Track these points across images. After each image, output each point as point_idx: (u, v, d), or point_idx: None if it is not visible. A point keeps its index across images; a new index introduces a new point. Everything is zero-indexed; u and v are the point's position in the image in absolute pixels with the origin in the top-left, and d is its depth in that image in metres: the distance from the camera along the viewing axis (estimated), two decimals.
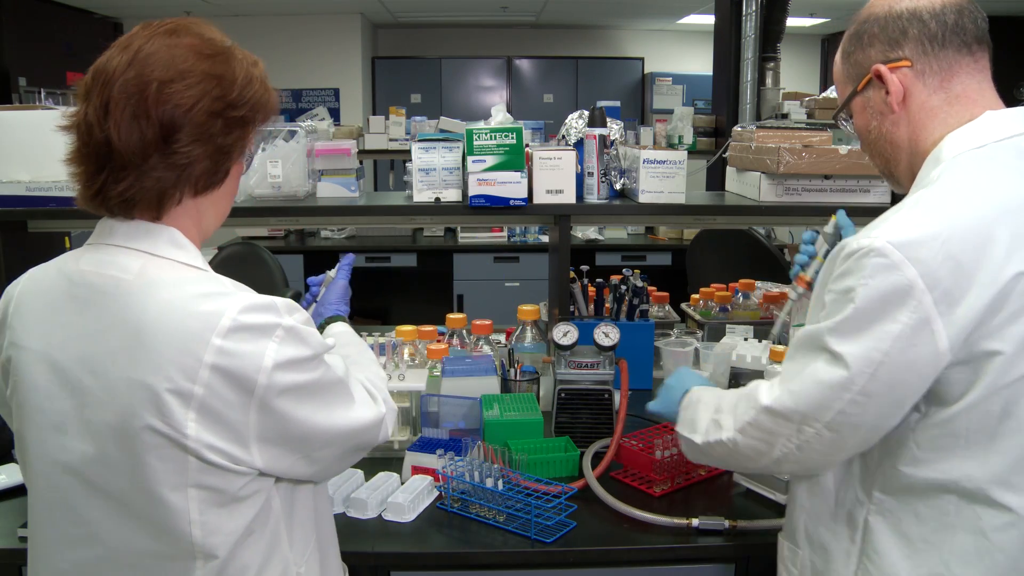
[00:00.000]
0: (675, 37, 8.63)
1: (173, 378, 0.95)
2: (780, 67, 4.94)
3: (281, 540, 1.09)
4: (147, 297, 0.98)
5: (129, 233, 1.03)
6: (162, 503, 0.98)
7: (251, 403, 0.98)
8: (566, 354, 1.86)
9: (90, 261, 1.04)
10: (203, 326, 0.96)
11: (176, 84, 0.99)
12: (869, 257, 1.02)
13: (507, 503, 1.54)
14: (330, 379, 1.08)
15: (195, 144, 1.01)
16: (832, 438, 1.08)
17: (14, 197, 1.96)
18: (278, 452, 1.03)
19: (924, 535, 1.08)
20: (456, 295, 5.13)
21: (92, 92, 1.00)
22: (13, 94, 5.72)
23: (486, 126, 2.08)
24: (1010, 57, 7.03)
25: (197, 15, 5.58)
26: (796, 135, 2.21)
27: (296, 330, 1.02)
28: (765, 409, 1.12)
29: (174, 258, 1.03)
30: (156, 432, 0.96)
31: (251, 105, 1.08)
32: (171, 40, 1.02)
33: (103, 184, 1.00)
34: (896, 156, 1.20)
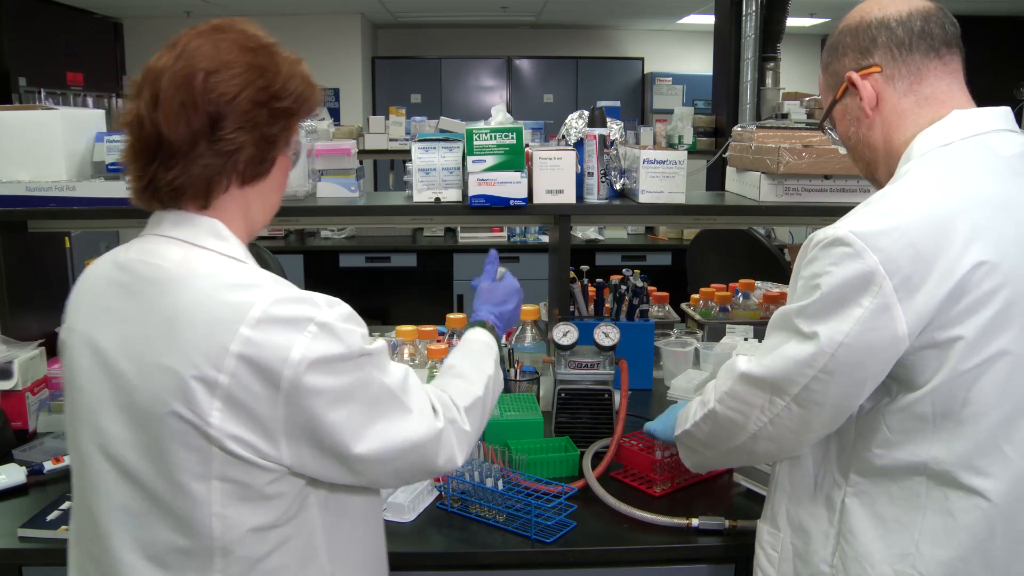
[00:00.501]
0: (675, 37, 8.63)
1: (199, 365, 0.96)
2: (780, 67, 4.94)
3: (319, 553, 1.08)
4: (183, 285, 1.01)
5: (174, 223, 1.07)
6: (185, 492, 0.99)
7: (278, 397, 0.97)
8: (566, 354, 1.86)
9: (138, 250, 1.08)
10: (232, 315, 0.97)
11: (221, 74, 1.03)
12: (834, 246, 1.09)
13: (507, 503, 1.54)
14: (371, 382, 1.04)
15: (240, 131, 1.04)
16: (800, 414, 1.15)
17: (14, 197, 1.96)
18: (310, 452, 1.01)
19: (896, 515, 1.13)
20: (456, 295, 5.13)
21: (143, 88, 1.04)
22: (13, 94, 5.72)
23: (486, 126, 2.08)
24: (1010, 57, 7.04)
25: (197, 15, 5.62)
26: (796, 135, 2.21)
27: (331, 326, 1.00)
28: (741, 375, 1.20)
29: (215, 248, 1.06)
30: (181, 419, 0.97)
31: (294, 97, 1.10)
32: (216, 36, 1.06)
33: (154, 175, 1.04)
34: (875, 158, 1.26)
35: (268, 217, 1.18)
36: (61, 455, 1.73)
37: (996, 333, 1.06)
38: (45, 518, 1.51)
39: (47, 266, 2.26)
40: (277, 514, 1.03)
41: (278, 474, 1.01)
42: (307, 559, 1.07)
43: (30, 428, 1.93)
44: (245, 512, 1.00)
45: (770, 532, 1.30)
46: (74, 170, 2.04)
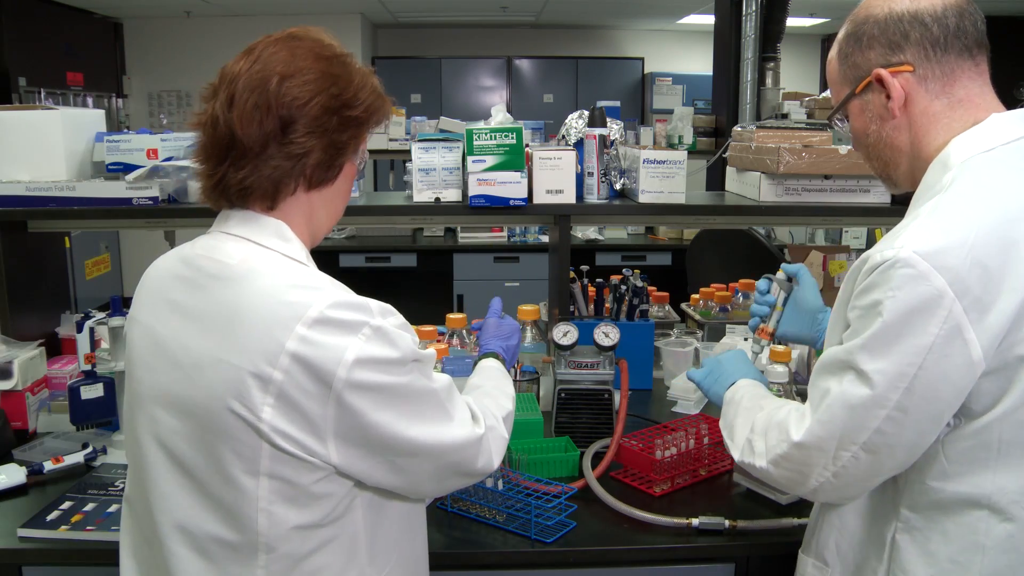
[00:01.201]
0: (675, 37, 8.63)
1: (255, 362, 0.98)
2: (780, 67, 4.93)
3: (360, 553, 1.09)
4: (245, 283, 1.03)
5: (241, 222, 1.10)
6: (235, 485, 1.00)
7: (329, 396, 0.99)
8: (566, 354, 1.86)
9: (203, 246, 1.10)
10: (290, 314, 0.99)
11: (295, 79, 1.06)
12: (896, 268, 1.00)
13: (507, 503, 1.54)
14: (419, 387, 1.06)
15: (310, 136, 1.07)
16: (869, 461, 1.06)
17: (14, 197, 1.96)
18: (357, 452, 1.02)
19: (951, 554, 1.06)
20: (456, 295, 5.13)
21: (219, 91, 1.07)
22: (13, 94, 5.72)
23: (486, 126, 2.08)
24: (1010, 57, 7.03)
25: (197, 15, 5.61)
26: (796, 135, 2.21)
27: (385, 331, 1.02)
28: (797, 445, 1.10)
29: (278, 249, 1.08)
30: (234, 413, 0.98)
31: (365, 107, 1.13)
32: (292, 43, 1.10)
33: (224, 174, 1.07)
34: (896, 160, 1.19)
35: (332, 223, 1.20)
36: (61, 455, 1.73)
37: None
38: (45, 518, 1.51)
39: (47, 266, 2.26)
40: (323, 514, 1.04)
41: (325, 473, 1.02)
42: (349, 560, 1.08)
43: (30, 428, 1.93)
44: (291, 510, 1.02)
45: (815, 566, 1.22)
46: (74, 170, 2.05)
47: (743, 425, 1.25)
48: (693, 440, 1.70)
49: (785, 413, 1.15)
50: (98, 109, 2.46)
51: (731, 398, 1.35)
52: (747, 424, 1.24)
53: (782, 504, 1.58)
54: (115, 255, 6.25)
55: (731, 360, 1.45)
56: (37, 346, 1.99)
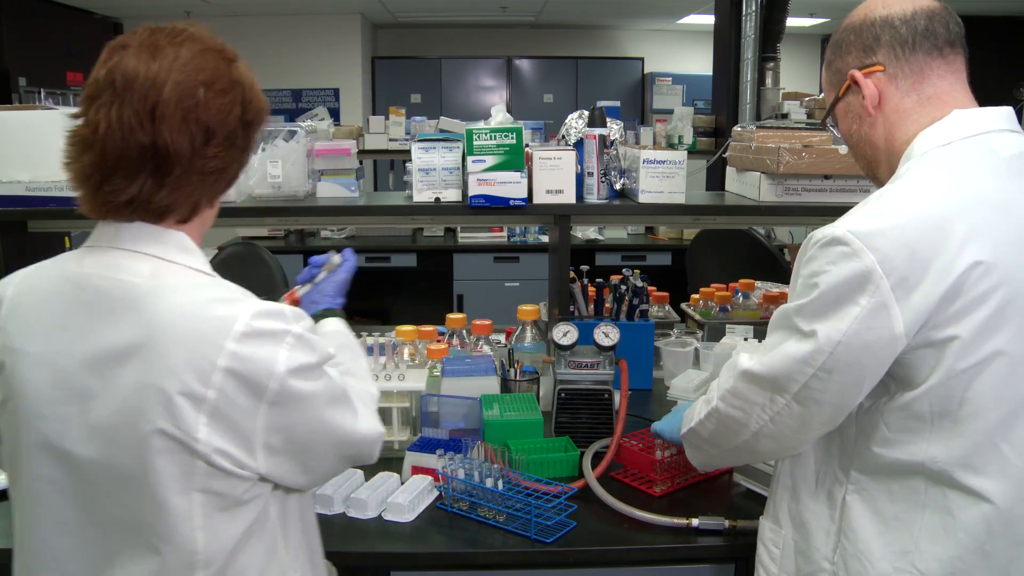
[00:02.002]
0: (675, 37, 8.63)
1: (186, 381, 0.95)
2: (780, 67, 4.94)
3: (278, 546, 1.10)
4: (160, 301, 0.99)
5: (137, 237, 1.03)
6: (167, 509, 0.98)
7: (260, 408, 0.99)
8: (566, 354, 1.86)
9: (95, 264, 1.03)
10: (218, 330, 0.97)
11: (214, 88, 1.02)
12: (832, 245, 1.10)
13: (507, 503, 1.54)
14: (334, 388, 1.08)
15: (229, 149, 1.05)
16: (800, 412, 1.16)
17: (14, 197, 1.96)
18: (281, 459, 1.04)
19: (896, 513, 1.14)
20: (456, 295, 5.13)
21: (127, 94, 0.98)
22: (13, 94, 5.72)
23: (486, 126, 2.08)
24: (1010, 57, 7.03)
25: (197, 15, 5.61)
26: (796, 135, 2.21)
27: (305, 337, 1.03)
28: (742, 373, 1.21)
29: (184, 263, 1.04)
30: (166, 435, 0.96)
31: (257, 109, 1.10)
32: (197, 46, 1.03)
33: (141, 190, 1.00)
34: (876, 157, 1.26)
35: (213, 219, 1.16)
36: None
37: (992, 333, 1.06)
38: None
39: None
40: (251, 517, 1.04)
41: (252, 481, 1.03)
42: (270, 552, 1.09)
43: None
44: (225, 521, 1.02)
45: (772, 528, 1.30)
46: None
47: (700, 402, 1.35)
48: None
49: (735, 355, 1.25)
50: None
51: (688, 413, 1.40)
52: (702, 399, 1.35)
53: None
54: None
55: (685, 405, 1.54)
56: None
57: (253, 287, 1.49)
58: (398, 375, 1.83)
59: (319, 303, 1.43)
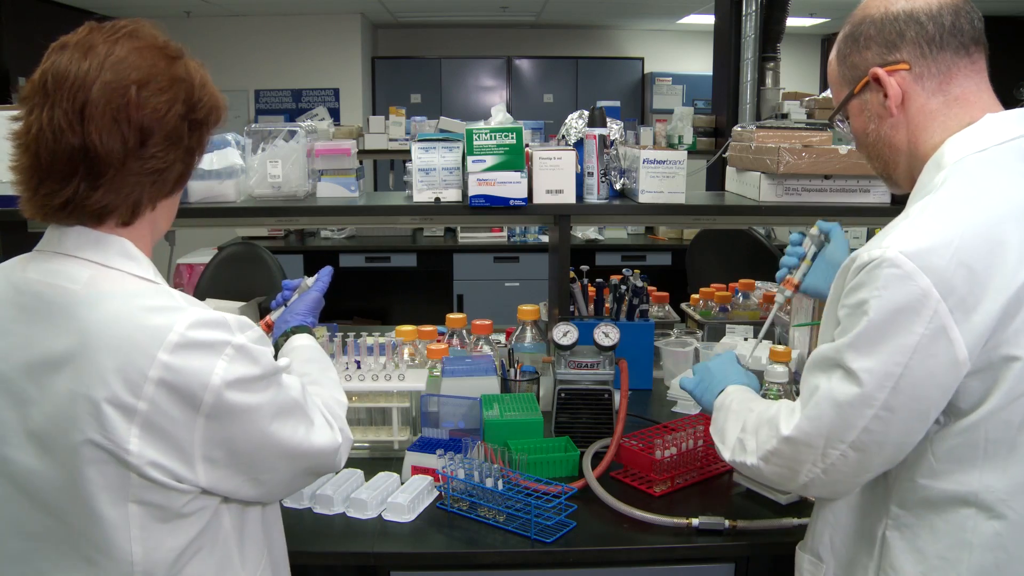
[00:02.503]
0: (675, 37, 8.63)
1: (116, 392, 0.93)
2: (780, 67, 4.93)
3: (232, 559, 1.07)
4: (94, 308, 0.96)
5: (79, 242, 1.01)
6: (101, 520, 0.96)
7: (196, 421, 0.96)
8: (566, 354, 1.86)
9: (37, 269, 1.02)
10: (150, 340, 0.94)
11: (151, 87, 0.99)
12: (881, 268, 1.01)
13: (507, 503, 1.54)
14: (282, 400, 1.05)
15: (169, 148, 1.02)
16: (857, 458, 1.07)
17: (14, 197, 1.95)
18: (224, 473, 1.01)
19: (940, 551, 1.06)
20: (456, 295, 5.13)
21: (57, 96, 0.96)
22: (13, 94, 5.72)
23: (486, 126, 2.08)
24: (1010, 57, 7.03)
25: (197, 15, 5.60)
26: (796, 135, 2.21)
27: (246, 348, 1.00)
28: (786, 439, 1.11)
29: (125, 269, 1.01)
30: (97, 446, 0.93)
31: (208, 107, 1.07)
32: (134, 43, 1.00)
33: (75, 192, 0.98)
34: (895, 159, 1.19)
35: (170, 223, 1.14)
36: None
37: None
38: None
39: None
40: (196, 530, 1.02)
41: (193, 494, 1.00)
42: (223, 567, 1.06)
43: None
44: (164, 533, 0.99)
45: (811, 562, 1.24)
46: None
47: (734, 426, 1.25)
48: (693, 440, 1.70)
49: (775, 410, 1.16)
50: None
51: (721, 404, 1.34)
52: (737, 424, 1.24)
53: (782, 504, 1.58)
54: None
55: (720, 366, 1.44)
56: None
57: (253, 287, 1.49)
58: (398, 375, 1.83)
59: (290, 321, 1.43)
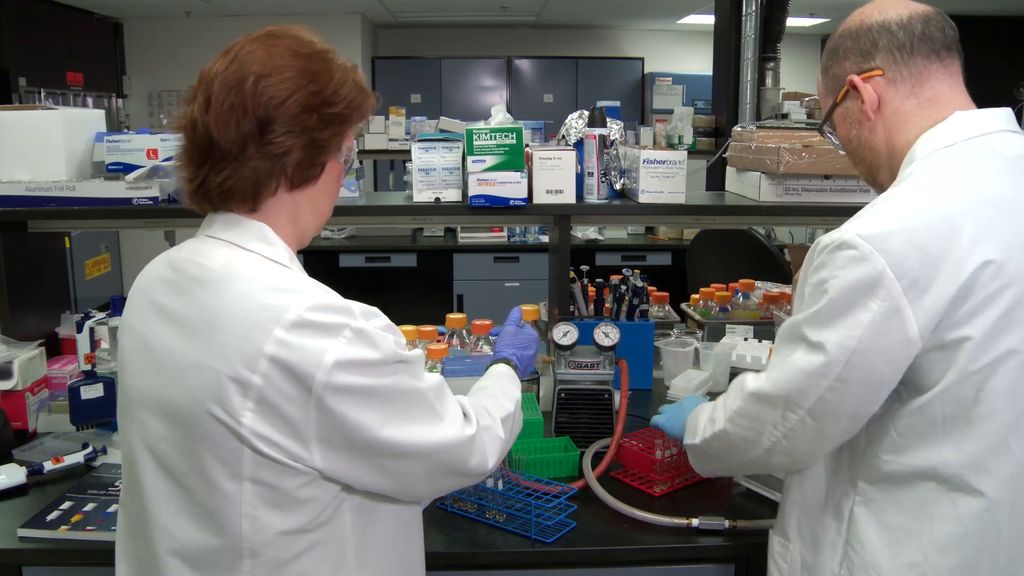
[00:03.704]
0: (675, 37, 8.62)
1: (234, 366, 0.97)
2: (780, 67, 4.93)
3: (348, 559, 1.07)
4: (225, 286, 1.02)
5: (224, 225, 1.09)
6: (218, 490, 1.00)
7: (310, 400, 0.97)
8: (566, 354, 1.86)
9: (188, 250, 1.10)
10: (268, 317, 0.98)
11: (272, 78, 1.04)
12: (841, 249, 1.08)
13: (507, 503, 1.54)
14: (404, 388, 1.05)
15: (288, 135, 1.05)
16: (815, 426, 1.13)
17: (14, 197, 1.96)
18: (342, 456, 1.01)
19: (904, 524, 1.11)
20: (456, 295, 5.13)
21: (197, 93, 1.06)
22: (13, 94, 5.72)
23: (486, 126, 2.08)
24: (1010, 57, 7.03)
25: (197, 15, 5.60)
26: (796, 135, 2.21)
27: (366, 332, 1.01)
28: (750, 395, 1.18)
29: (260, 252, 1.07)
30: (215, 418, 0.98)
31: (346, 103, 1.11)
32: (269, 41, 1.08)
33: (205, 177, 1.06)
34: (876, 161, 1.26)
35: (320, 223, 1.19)
36: (61, 455, 1.73)
37: (1004, 332, 1.06)
38: (45, 518, 1.51)
39: (47, 266, 2.26)
40: (309, 518, 1.03)
41: (310, 478, 1.01)
42: (336, 566, 1.06)
43: (30, 428, 1.93)
44: (276, 515, 1.01)
45: (780, 543, 1.28)
46: (74, 170, 2.04)
47: (705, 413, 1.33)
48: None
49: (742, 376, 1.23)
50: (98, 109, 2.46)
51: (692, 415, 1.39)
52: (708, 409, 1.33)
53: None
54: (115, 255, 6.24)
55: (691, 400, 1.53)
56: (37, 346, 1.99)
57: None
58: None
59: (501, 351, 1.51)
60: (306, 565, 1.04)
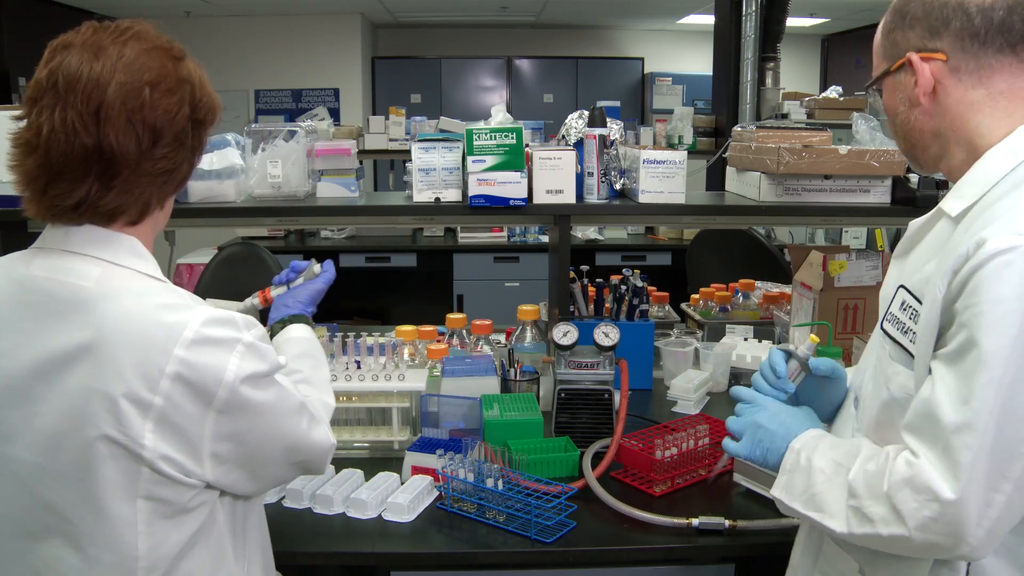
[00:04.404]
0: (675, 37, 8.63)
1: (133, 388, 0.94)
2: (780, 67, 4.94)
3: (226, 553, 1.09)
4: (108, 305, 0.97)
5: (87, 240, 1.02)
6: (108, 515, 0.97)
7: (208, 416, 0.98)
8: (566, 354, 1.86)
9: (43, 267, 1.02)
10: (166, 336, 0.96)
11: (160, 88, 1.01)
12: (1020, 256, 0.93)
13: (507, 503, 1.54)
14: (284, 397, 1.08)
15: (178, 149, 1.03)
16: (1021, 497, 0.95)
17: (14, 197, 1.95)
18: (229, 467, 1.03)
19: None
20: (456, 295, 5.13)
21: (70, 96, 0.96)
22: (13, 94, 5.72)
23: (486, 126, 2.08)
24: None
25: (197, 15, 5.60)
26: (796, 135, 2.21)
27: (255, 346, 1.02)
28: (953, 503, 0.95)
29: (135, 268, 1.03)
30: (112, 441, 0.95)
31: (207, 107, 1.09)
32: (142, 45, 1.02)
33: (88, 193, 0.99)
34: (923, 143, 1.14)
35: (166, 221, 1.14)
36: None
37: None
38: None
39: None
40: (197, 524, 1.03)
41: (199, 488, 1.02)
42: (218, 562, 1.08)
43: None
44: (169, 528, 1.01)
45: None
46: None
47: (833, 489, 1.08)
48: (693, 440, 1.69)
49: (903, 466, 1.00)
50: None
51: (795, 465, 1.15)
52: (839, 489, 1.07)
53: None
54: None
55: (771, 418, 1.23)
56: None
57: (253, 287, 1.50)
58: (398, 375, 1.83)
59: (291, 307, 1.42)
60: (189, 566, 1.04)
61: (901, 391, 1.07)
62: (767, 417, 1.23)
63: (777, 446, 1.19)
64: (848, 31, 8.05)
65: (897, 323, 1.09)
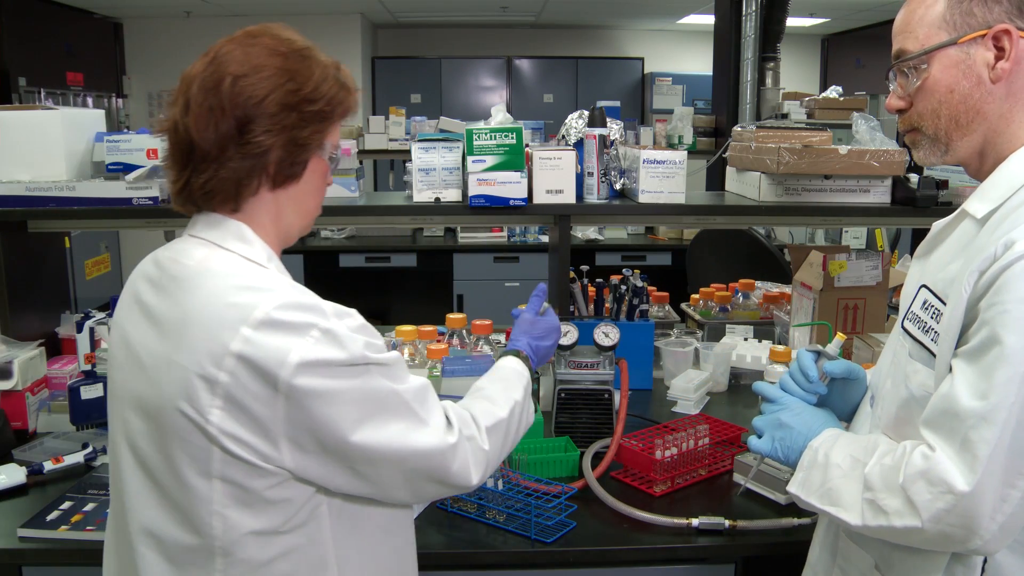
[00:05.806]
0: (675, 37, 8.63)
1: (202, 363, 0.98)
2: (780, 67, 4.93)
3: (328, 564, 1.06)
4: (197, 284, 1.03)
5: (205, 225, 1.10)
6: (189, 488, 1.00)
7: (276, 399, 0.97)
8: (566, 354, 1.86)
9: (172, 249, 1.11)
10: (236, 316, 0.99)
11: (249, 78, 1.04)
12: None
13: (507, 503, 1.54)
14: (375, 389, 1.03)
15: (267, 134, 1.05)
16: None
17: (14, 197, 1.96)
18: (312, 457, 1.00)
19: None
20: (456, 295, 5.13)
21: (178, 96, 1.07)
22: (13, 94, 5.72)
23: (486, 126, 2.08)
24: None
25: (197, 15, 5.60)
26: (796, 135, 2.21)
27: (335, 333, 1.00)
28: (968, 496, 0.95)
29: (236, 251, 1.07)
30: (185, 416, 0.98)
31: (327, 100, 1.10)
32: (248, 41, 1.08)
33: (187, 179, 1.07)
34: (971, 126, 1.07)
35: (305, 221, 1.17)
36: (61, 455, 1.73)
37: None
38: (45, 518, 1.51)
39: (47, 266, 2.26)
40: (281, 520, 1.02)
41: (280, 478, 1.00)
42: (315, 570, 1.05)
43: (30, 428, 1.93)
44: (246, 515, 1.01)
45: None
46: (74, 170, 2.04)
47: (850, 486, 1.08)
48: (693, 440, 1.69)
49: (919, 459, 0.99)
50: (98, 109, 2.46)
51: (812, 461, 1.15)
52: (855, 483, 1.07)
53: (782, 504, 1.58)
54: (115, 255, 6.25)
55: (794, 417, 1.24)
56: (37, 346, 1.99)
57: None
58: None
59: (514, 341, 1.45)
60: (282, 568, 1.03)
61: (921, 389, 1.07)
62: (790, 416, 1.24)
63: (798, 445, 1.20)
64: (848, 31, 8.05)
65: (918, 322, 1.08)
